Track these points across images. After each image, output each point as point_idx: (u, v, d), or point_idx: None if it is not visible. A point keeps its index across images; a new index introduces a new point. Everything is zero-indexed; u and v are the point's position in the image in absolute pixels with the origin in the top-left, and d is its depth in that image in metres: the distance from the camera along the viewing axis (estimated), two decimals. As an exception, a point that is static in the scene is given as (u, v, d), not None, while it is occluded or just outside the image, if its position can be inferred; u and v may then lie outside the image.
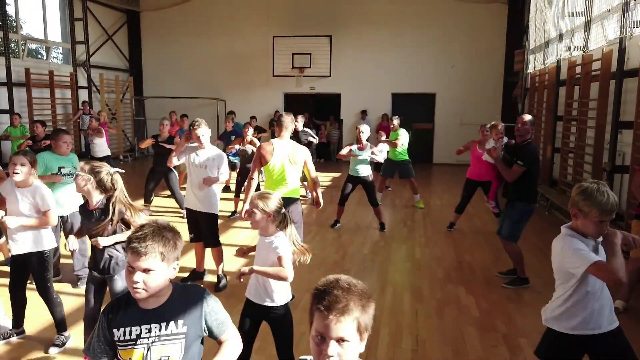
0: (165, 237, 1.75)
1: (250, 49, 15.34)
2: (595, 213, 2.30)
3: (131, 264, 1.72)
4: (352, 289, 1.37)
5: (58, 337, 3.72)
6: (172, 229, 1.82)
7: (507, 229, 4.95)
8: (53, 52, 13.99)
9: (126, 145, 15.65)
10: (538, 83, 11.01)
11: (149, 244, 1.71)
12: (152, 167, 7.67)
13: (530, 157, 4.76)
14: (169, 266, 1.77)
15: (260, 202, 2.72)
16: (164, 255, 1.73)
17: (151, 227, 1.76)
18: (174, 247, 1.78)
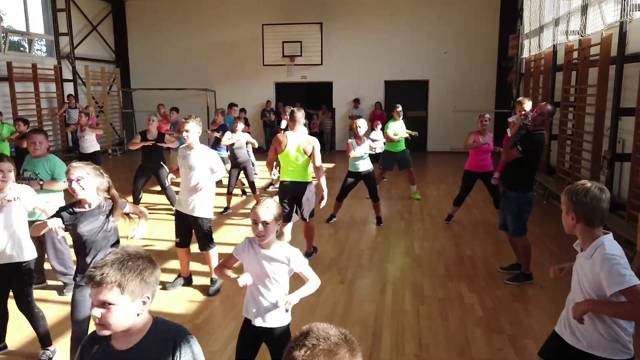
0: (126, 266, 1.51)
1: (240, 38, 15.00)
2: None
3: (91, 296, 1.52)
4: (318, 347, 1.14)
5: (44, 352, 3.52)
6: (143, 257, 1.58)
7: (511, 225, 4.80)
8: (36, 45, 13.59)
9: (114, 139, 15.32)
10: (533, 68, 10.83)
11: (105, 273, 1.48)
12: (141, 164, 7.42)
13: (532, 146, 4.59)
14: (133, 300, 1.52)
15: (269, 210, 2.49)
16: (122, 287, 1.49)
17: (115, 254, 1.55)
18: (137, 277, 1.52)
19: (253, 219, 2.50)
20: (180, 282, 4.81)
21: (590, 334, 2.21)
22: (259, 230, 2.47)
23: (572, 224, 2.23)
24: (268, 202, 2.54)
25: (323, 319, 4.06)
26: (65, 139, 13.28)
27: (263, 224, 2.47)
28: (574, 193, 2.20)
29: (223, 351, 3.59)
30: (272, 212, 2.49)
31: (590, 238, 2.20)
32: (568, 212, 2.23)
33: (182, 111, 11.38)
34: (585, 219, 2.18)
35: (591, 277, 2.15)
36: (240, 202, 8.40)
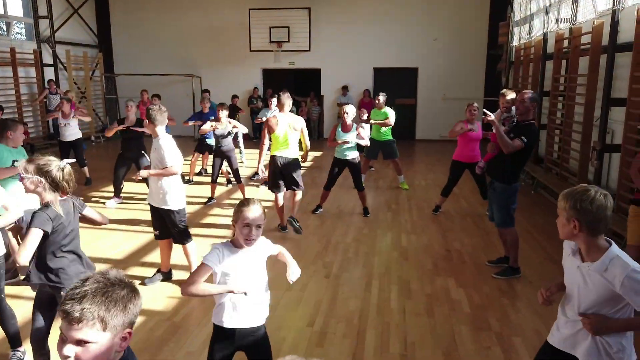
0: (110, 298, 1.30)
1: (226, 23, 14.67)
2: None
3: (63, 332, 1.29)
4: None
5: (14, 353, 3.36)
6: (126, 285, 1.36)
7: (498, 217, 4.71)
8: (15, 28, 13.14)
9: (98, 126, 14.97)
10: (523, 57, 10.72)
11: (86, 308, 1.26)
12: (121, 152, 7.20)
13: (533, 137, 4.46)
14: (114, 336, 1.32)
15: (261, 211, 2.36)
16: (105, 322, 1.28)
17: (95, 282, 1.31)
18: (122, 310, 1.32)
19: (245, 223, 2.32)
20: (159, 278, 4.65)
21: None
22: (253, 234, 2.32)
23: (573, 233, 2.08)
24: (257, 204, 2.38)
25: (306, 316, 3.96)
26: (46, 126, 12.93)
27: (257, 227, 2.33)
28: (578, 200, 2.02)
29: (201, 352, 3.45)
30: (263, 213, 2.37)
31: (596, 248, 2.06)
32: (570, 220, 2.06)
33: (167, 98, 11.13)
34: (590, 228, 2.03)
35: (603, 289, 2.02)
36: (225, 192, 8.22)
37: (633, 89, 5.69)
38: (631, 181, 5.52)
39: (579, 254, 2.15)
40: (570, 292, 2.19)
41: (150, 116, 4.32)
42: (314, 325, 3.83)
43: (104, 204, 7.30)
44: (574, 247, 2.19)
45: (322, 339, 3.64)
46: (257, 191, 8.22)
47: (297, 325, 3.84)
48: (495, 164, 4.65)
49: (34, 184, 2.74)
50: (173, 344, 3.59)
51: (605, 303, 2.05)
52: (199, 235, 5.57)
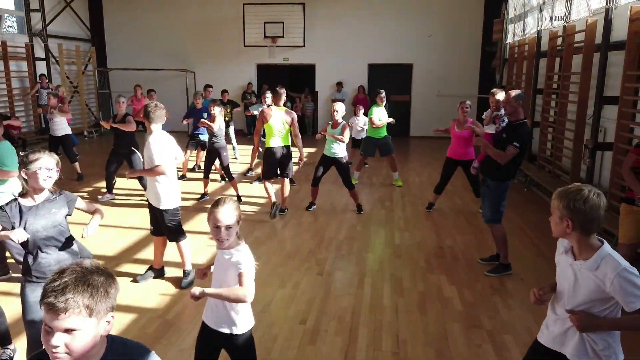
0: (92, 285, 1.34)
1: (220, 18, 14.59)
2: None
3: (48, 324, 1.31)
4: None
5: (4, 351, 3.33)
6: (103, 272, 1.41)
7: (487, 212, 4.73)
8: (7, 21, 13.00)
9: (90, 121, 14.87)
10: (517, 54, 10.75)
11: (70, 297, 1.29)
12: (113, 148, 7.16)
13: (525, 138, 4.48)
14: (99, 321, 1.37)
15: (231, 212, 2.30)
16: (90, 309, 1.32)
17: (73, 273, 1.34)
18: (104, 295, 1.36)
19: (215, 224, 2.30)
20: (151, 275, 4.63)
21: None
22: (221, 235, 2.30)
23: (565, 231, 2.09)
24: (229, 204, 2.33)
25: (299, 314, 3.96)
26: (38, 121, 12.82)
27: (227, 228, 2.30)
28: (572, 200, 2.04)
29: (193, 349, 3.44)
30: (234, 214, 2.32)
31: (588, 247, 2.08)
32: (563, 219, 2.07)
33: (161, 93, 11.05)
34: (583, 227, 2.05)
35: (594, 287, 2.04)
36: (219, 188, 8.20)
37: (625, 88, 5.72)
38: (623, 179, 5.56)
39: (572, 252, 2.16)
40: (561, 290, 2.20)
41: (146, 113, 4.28)
42: (307, 323, 3.83)
43: (96, 199, 7.25)
44: (566, 245, 2.21)
45: (314, 336, 3.64)
46: (251, 187, 8.20)
47: (289, 322, 3.84)
48: (489, 162, 4.65)
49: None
50: (165, 341, 3.58)
51: (595, 301, 2.06)
52: (192, 232, 5.54)
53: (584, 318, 2.06)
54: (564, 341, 2.19)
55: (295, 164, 6.59)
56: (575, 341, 2.13)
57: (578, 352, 2.13)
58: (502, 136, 4.64)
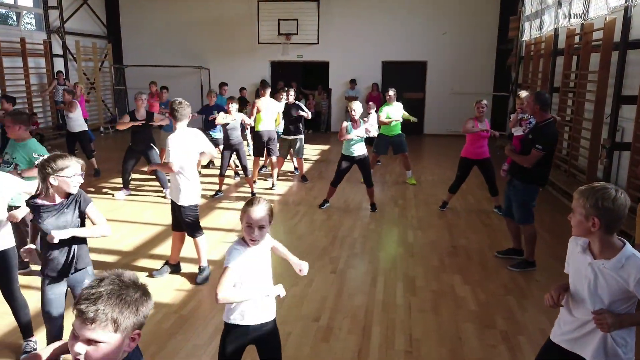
0: (124, 300, 1.33)
1: (235, 15, 14.64)
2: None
3: (76, 329, 1.32)
4: None
5: (27, 343, 3.41)
6: (139, 288, 1.39)
7: (517, 213, 4.76)
8: (25, 18, 13.21)
9: (107, 117, 15.05)
10: (533, 52, 10.63)
11: (100, 309, 1.29)
12: (130, 145, 7.24)
13: (550, 139, 4.48)
14: (124, 338, 1.35)
15: (266, 211, 2.34)
16: (117, 324, 1.32)
17: (110, 284, 1.34)
18: (134, 313, 1.35)
19: (248, 223, 2.31)
20: (167, 270, 4.70)
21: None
22: (254, 235, 2.31)
23: (589, 230, 2.07)
24: (262, 204, 2.34)
25: (312, 311, 3.99)
26: (55, 117, 13.02)
27: (259, 228, 2.32)
28: (600, 199, 2.01)
29: (208, 345, 3.50)
30: (267, 214, 2.34)
31: (610, 246, 2.07)
32: (588, 218, 2.05)
33: (175, 90, 11.17)
34: (608, 226, 2.04)
35: (616, 286, 2.03)
36: (233, 185, 8.26)
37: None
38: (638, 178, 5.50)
39: (589, 251, 2.15)
40: (578, 290, 2.18)
41: (172, 111, 4.35)
42: (320, 320, 3.86)
43: (112, 195, 7.36)
44: (582, 244, 2.19)
45: (327, 334, 3.67)
46: (266, 183, 8.25)
47: (302, 320, 3.87)
48: (520, 166, 4.65)
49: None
50: (180, 336, 3.63)
51: (616, 301, 2.06)
52: (206, 228, 5.58)
53: (610, 318, 2.03)
54: (584, 344, 2.17)
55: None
56: (597, 343, 2.12)
57: (599, 354, 2.12)
58: (528, 137, 4.64)
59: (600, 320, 2.03)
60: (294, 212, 6.77)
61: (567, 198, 7.06)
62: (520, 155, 4.61)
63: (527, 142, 4.58)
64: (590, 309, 2.10)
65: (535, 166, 4.51)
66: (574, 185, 6.73)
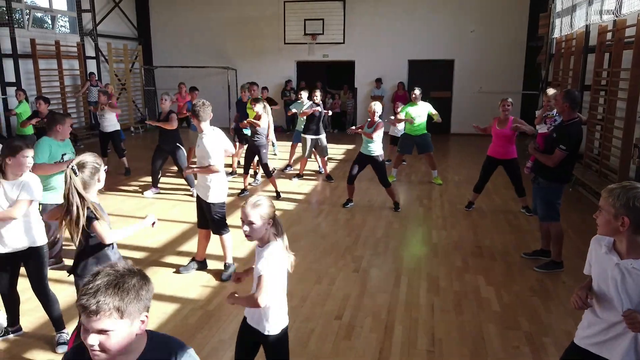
0: (123, 288, 1.39)
1: (261, 15, 14.78)
2: None
3: (84, 324, 1.39)
4: None
5: (60, 335, 3.55)
6: (136, 274, 1.46)
7: (542, 211, 4.72)
8: (60, 21, 13.64)
9: (137, 117, 15.41)
10: (564, 49, 10.40)
11: (101, 300, 1.35)
12: (158, 144, 7.42)
13: (574, 139, 4.41)
14: (132, 321, 1.42)
15: (256, 209, 2.36)
16: (121, 311, 1.38)
17: (106, 275, 1.40)
18: (135, 297, 1.41)
19: (241, 218, 2.40)
20: (194, 266, 4.81)
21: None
22: (244, 230, 2.38)
23: (618, 230, 2.04)
24: (257, 201, 2.39)
25: (335, 309, 4.03)
26: (88, 117, 13.41)
27: (249, 223, 2.36)
28: (632, 198, 1.98)
29: (233, 339, 3.50)
30: (259, 211, 2.36)
31: (638, 246, 2.04)
32: (617, 217, 2.02)
33: (203, 90, 11.34)
34: (638, 226, 2.01)
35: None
36: (259, 184, 8.35)
37: (679, 85, 5.46)
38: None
39: (615, 251, 2.11)
40: (604, 291, 2.14)
41: (195, 112, 4.44)
42: (342, 318, 3.89)
43: (142, 193, 7.55)
44: (607, 244, 2.15)
45: (349, 332, 3.70)
46: (290, 184, 8.32)
47: (325, 317, 3.91)
48: (544, 164, 4.61)
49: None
50: (206, 331, 3.72)
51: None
52: (231, 226, 5.68)
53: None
54: (612, 347, 2.14)
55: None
56: (627, 344, 2.08)
57: (629, 355, 2.08)
58: (552, 136, 4.57)
59: (632, 320, 1.99)
60: (317, 211, 6.81)
61: (597, 198, 6.87)
62: (544, 154, 4.55)
63: (551, 141, 4.52)
64: (618, 309, 2.07)
65: (558, 164, 4.44)
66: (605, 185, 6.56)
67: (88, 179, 2.82)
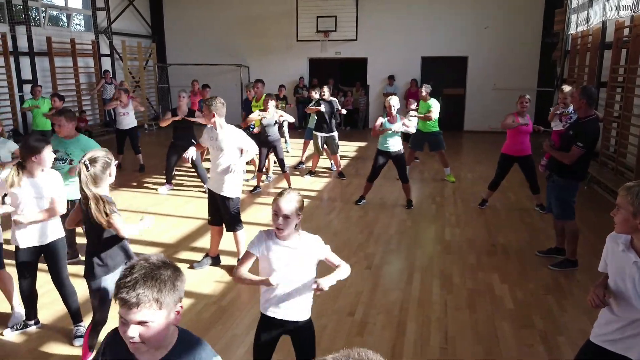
0: (160, 280, 1.44)
1: (274, 12, 14.80)
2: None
3: (123, 317, 1.43)
4: None
5: (77, 328, 3.61)
6: (169, 266, 1.50)
7: (557, 209, 4.69)
8: (75, 19, 13.79)
9: (150, 114, 15.54)
10: (580, 45, 10.27)
11: (141, 292, 1.40)
12: (172, 141, 7.48)
13: (591, 137, 4.37)
14: (169, 312, 1.48)
15: (292, 203, 2.38)
16: (160, 302, 1.43)
17: (142, 268, 1.44)
18: (172, 288, 1.46)
19: (274, 211, 2.41)
20: (207, 262, 4.85)
21: None
22: (278, 223, 2.39)
23: (636, 227, 2.04)
24: (291, 195, 2.42)
25: (347, 306, 4.04)
26: (103, 114, 13.55)
27: (284, 217, 2.38)
28: None
29: (246, 334, 3.60)
30: (294, 205, 2.39)
31: None
32: (636, 215, 2.02)
33: (216, 87, 11.42)
34: None
35: None
36: (271, 181, 8.39)
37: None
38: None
39: (633, 248, 2.10)
40: (621, 289, 2.12)
41: (212, 108, 4.47)
42: (354, 315, 3.90)
43: (156, 190, 7.62)
44: (624, 242, 2.14)
45: (362, 328, 3.71)
46: (302, 180, 8.34)
47: (337, 314, 3.92)
48: (558, 161, 4.57)
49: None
50: (220, 326, 3.76)
51: None
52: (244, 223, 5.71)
53: None
54: (630, 344, 2.12)
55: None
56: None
57: None
58: (569, 133, 4.53)
59: None
60: (330, 208, 6.82)
61: (613, 197, 6.81)
62: (560, 151, 4.51)
63: (568, 138, 4.47)
64: (637, 307, 2.05)
65: (579, 161, 4.40)
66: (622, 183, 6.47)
67: (100, 173, 2.84)
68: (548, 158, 5.75)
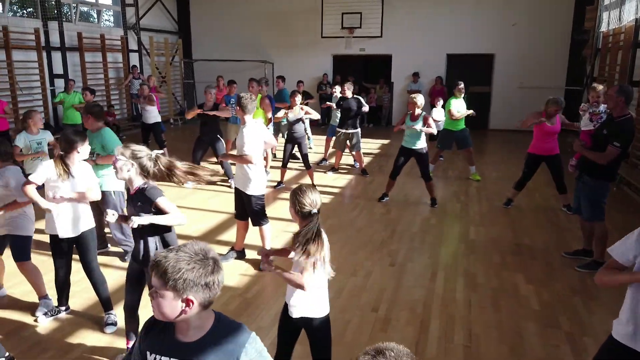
0: (208, 269, 1.52)
1: (299, 9, 14.84)
2: None
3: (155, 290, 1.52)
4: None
5: (108, 316, 3.72)
6: (213, 258, 1.56)
7: (587, 211, 4.61)
8: (105, 15, 14.07)
9: (176, 109, 15.77)
10: (611, 43, 10.03)
11: (185, 278, 1.48)
12: (199, 136, 7.59)
13: (628, 136, 4.29)
14: (177, 295, 1.50)
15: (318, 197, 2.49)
16: (166, 280, 1.49)
17: (189, 256, 1.51)
18: (190, 279, 1.49)
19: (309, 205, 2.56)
20: (232, 255, 4.92)
21: None
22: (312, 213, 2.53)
23: None
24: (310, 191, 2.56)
25: (371, 302, 4.06)
26: (130, 109, 13.81)
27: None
28: None
29: (271, 327, 3.65)
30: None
31: None
32: None
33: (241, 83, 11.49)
34: None
35: None
36: (294, 176, 8.44)
37: None
38: None
39: None
40: None
41: (242, 104, 4.54)
42: (378, 311, 3.92)
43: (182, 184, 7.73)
44: None
45: (385, 324, 3.73)
46: (325, 176, 8.37)
47: (361, 309, 3.95)
48: (590, 161, 4.48)
49: (125, 165, 2.97)
50: (245, 318, 3.82)
51: None
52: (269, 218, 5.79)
53: None
54: None
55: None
56: None
57: None
58: (602, 132, 4.44)
59: None
60: (353, 206, 6.84)
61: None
62: (593, 151, 4.42)
63: (601, 137, 4.38)
64: None
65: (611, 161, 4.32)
66: (652, 185, 6.34)
67: (147, 163, 2.97)
68: (578, 158, 5.64)
